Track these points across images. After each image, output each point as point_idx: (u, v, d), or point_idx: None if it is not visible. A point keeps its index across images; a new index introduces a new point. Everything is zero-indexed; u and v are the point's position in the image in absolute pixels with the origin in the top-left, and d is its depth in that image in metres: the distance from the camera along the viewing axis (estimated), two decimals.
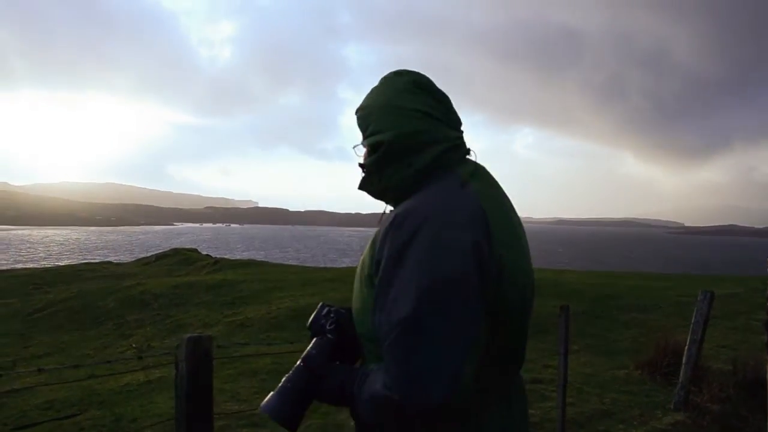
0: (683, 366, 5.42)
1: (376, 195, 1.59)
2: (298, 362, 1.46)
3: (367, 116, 1.54)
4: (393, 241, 1.32)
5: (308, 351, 1.48)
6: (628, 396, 5.84)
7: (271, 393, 1.43)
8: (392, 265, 1.31)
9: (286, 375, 1.45)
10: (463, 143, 1.54)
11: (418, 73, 1.56)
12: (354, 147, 1.60)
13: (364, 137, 1.55)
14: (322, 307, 1.56)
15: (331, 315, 1.52)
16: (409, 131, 1.47)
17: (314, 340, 1.51)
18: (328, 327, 1.50)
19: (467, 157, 1.53)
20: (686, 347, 5.47)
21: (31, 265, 43.51)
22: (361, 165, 1.58)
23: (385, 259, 1.33)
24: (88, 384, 7.21)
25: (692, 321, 5.47)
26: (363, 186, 1.59)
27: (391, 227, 1.35)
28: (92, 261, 40.18)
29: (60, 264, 42.33)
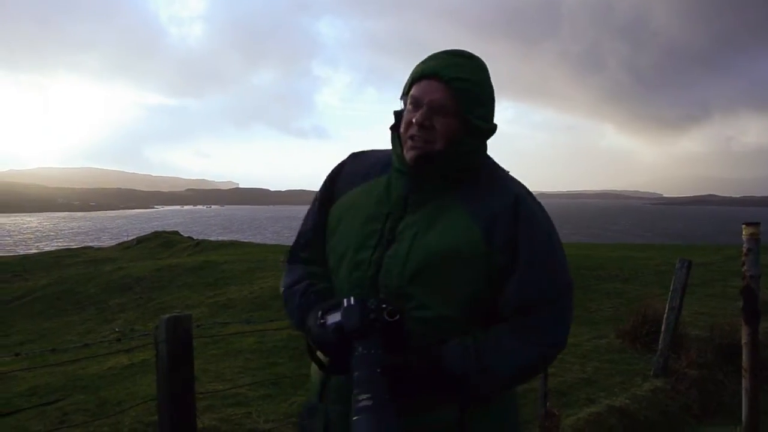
0: (662, 333, 5.50)
1: (440, 172, 1.51)
2: (366, 372, 1.27)
3: (479, 94, 1.50)
4: (537, 222, 1.51)
5: (369, 354, 1.30)
6: (609, 364, 5.93)
7: (358, 419, 1.20)
8: (545, 241, 1.51)
9: (362, 393, 1.23)
10: None
11: None
12: (402, 97, 1.54)
13: (465, 111, 1.47)
14: (361, 301, 1.37)
15: (383, 305, 1.35)
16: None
17: (361, 341, 1.32)
18: (388, 318, 1.34)
19: None
20: (665, 315, 5.55)
21: (8, 253, 42.99)
22: (447, 138, 1.47)
23: (530, 237, 1.48)
24: (72, 369, 7.17)
25: (671, 289, 5.55)
26: (437, 162, 1.48)
27: (521, 208, 1.49)
28: (72, 247, 39.74)
29: (39, 251, 41.87)
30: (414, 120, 1.46)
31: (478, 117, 1.49)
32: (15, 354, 2.92)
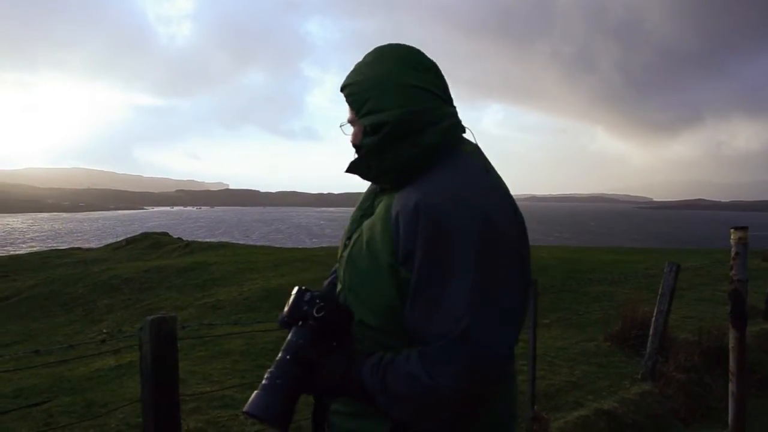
0: (650, 337, 5.52)
1: (372, 177, 1.49)
2: (282, 355, 1.34)
3: (361, 92, 1.43)
4: (432, 231, 1.28)
5: (292, 341, 1.36)
6: (597, 368, 5.94)
7: (256, 392, 1.29)
8: (443, 259, 1.28)
9: (269, 372, 1.32)
10: (460, 120, 1.50)
11: (411, 47, 1.49)
12: (341, 125, 1.51)
13: (359, 115, 1.44)
14: (302, 291, 1.42)
15: (317, 300, 1.38)
16: (415, 109, 1.40)
17: (294, 328, 1.38)
18: (315, 314, 1.36)
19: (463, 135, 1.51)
20: (653, 319, 5.57)
21: None
22: (356, 146, 1.47)
23: (425, 250, 1.29)
24: (58, 371, 7.11)
25: (659, 293, 5.57)
26: (356, 168, 1.47)
27: (422, 215, 1.30)
28: (60, 247, 39.48)
29: (27, 251, 41.57)
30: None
31: (364, 114, 1.43)
32: None
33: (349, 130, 1.51)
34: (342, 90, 1.49)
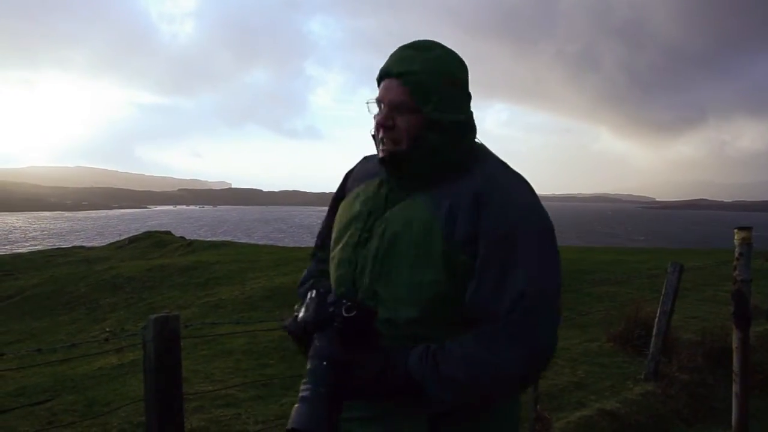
0: (653, 337, 5.51)
1: (412, 172, 1.46)
2: (316, 363, 1.29)
3: (429, 84, 1.42)
4: (501, 219, 1.36)
5: (322, 346, 1.31)
6: (600, 368, 5.92)
7: (297, 406, 1.24)
8: (505, 237, 1.35)
9: (305, 383, 1.27)
10: None
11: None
12: (368, 102, 1.50)
13: (425, 108, 1.42)
14: (322, 293, 1.37)
15: (344, 300, 1.34)
16: (472, 113, 1.50)
17: (317, 334, 1.33)
18: (345, 314, 1.31)
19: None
20: (656, 319, 5.56)
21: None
22: (403, 131, 1.43)
23: (493, 237, 1.35)
24: (61, 370, 7.13)
25: (662, 293, 5.56)
26: (405, 160, 1.45)
27: (484, 204, 1.37)
28: (63, 246, 39.55)
29: (30, 250, 41.64)
30: (378, 122, 1.47)
31: (435, 109, 1.42)
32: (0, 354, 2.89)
33: (375, 109, 1.49)
34: (400, 74, 1.44)
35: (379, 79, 1.49)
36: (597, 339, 7.03)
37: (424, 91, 1.42)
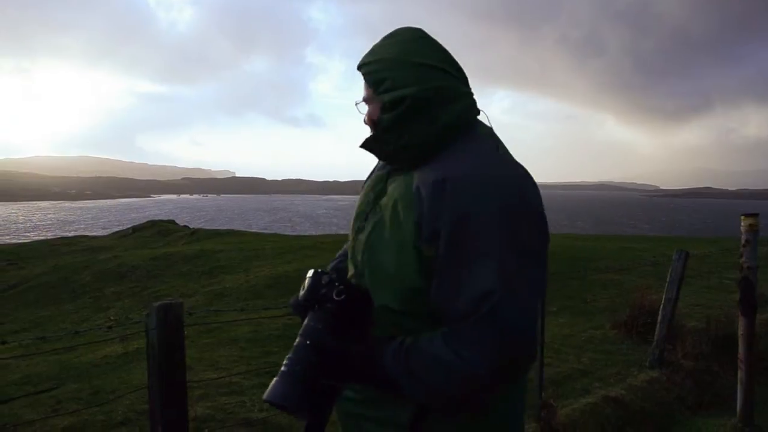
0: (658, 324, 5.49)
1: (389, 154, 1.48)
2: (300, 340, 1.31)
3: (380, 70, 1.44)
4: (460, 209, 1.27)
5: (310, 326, 1.32)
6: (604, 355, 5.92)
7: (275, 379, 1.27)
8: (465, 230, 1.26)
9: (287, 358, 1.29)
10: (476, 102, 1.50)
11: (423, 30, 1.52)
12: (357, 103, 1.52)
13: (377, 92, 1.45)
14: (319, 274, 1.37)
15: (336, 283, 1.33)
16: (433, 86, 1.41)
17: (310, 313, 1.34)
18: (335, 297, 1.32)
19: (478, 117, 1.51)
20: (661, 306, 5.54)
21: (4, 241, 42.87)
22: (373, 122, 1.48)
23: (447, 227, 1.27)
24: (66, 358, 7.15)
25: (667, 280, 5.53)
26: (373, 144, 1.48)
27: (448, 192, 1.29)
28: (67, 235, 39.64)
29: (34, 239, 41.77)
30: (364, 119, 1.53)
31: (385, 91, 1.43)
32: (1, 342, 2.88)
33: (364, 108, 1.52)
34: (359, 68, 1.50)
35: None
36: (602, 326, 7.03)
37: (379, 78, 1.45)
